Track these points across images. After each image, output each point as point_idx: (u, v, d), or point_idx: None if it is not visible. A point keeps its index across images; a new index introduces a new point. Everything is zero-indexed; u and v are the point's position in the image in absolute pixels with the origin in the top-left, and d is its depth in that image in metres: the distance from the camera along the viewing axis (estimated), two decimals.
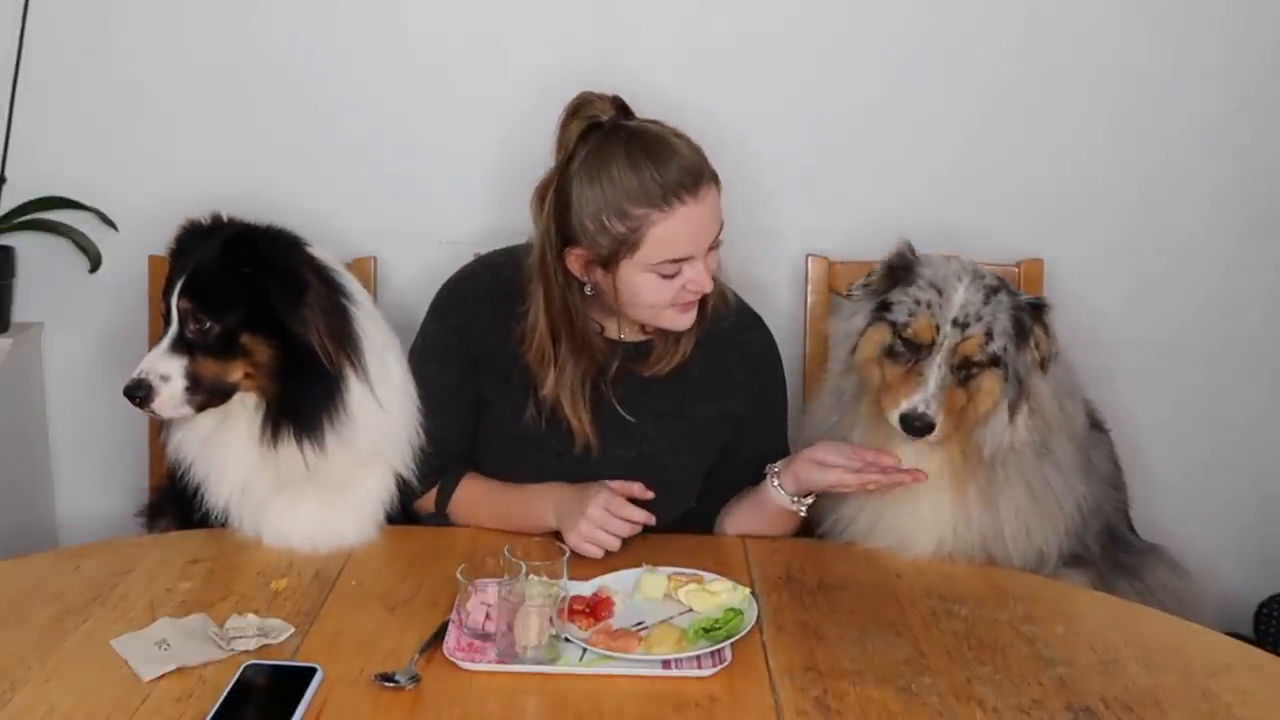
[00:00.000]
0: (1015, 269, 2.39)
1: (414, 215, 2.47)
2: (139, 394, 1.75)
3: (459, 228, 2.45)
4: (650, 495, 1.87)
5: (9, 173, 2.39)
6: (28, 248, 2.46)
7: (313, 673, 1.47)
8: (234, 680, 1.45)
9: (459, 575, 1.58)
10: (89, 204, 2.42)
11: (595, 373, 1.90)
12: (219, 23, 2.40)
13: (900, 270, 1.90)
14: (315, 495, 1.85)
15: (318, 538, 1.84)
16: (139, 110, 2.43)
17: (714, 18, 2.42)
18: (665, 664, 1.54)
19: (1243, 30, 2.46)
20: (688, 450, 1.98)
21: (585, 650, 1.55)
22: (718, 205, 1.83)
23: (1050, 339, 1.87)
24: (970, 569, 1.88)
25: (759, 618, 1.64)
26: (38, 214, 2.41)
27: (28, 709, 1.41)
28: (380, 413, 1.85)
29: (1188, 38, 2.46)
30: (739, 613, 1.63)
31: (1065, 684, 1.54)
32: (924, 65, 2.45)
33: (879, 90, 2.46)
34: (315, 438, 1.79)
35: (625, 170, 1.76)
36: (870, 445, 1.88)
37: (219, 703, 1.41)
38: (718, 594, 1.68)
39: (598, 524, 1.82)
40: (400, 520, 1.95)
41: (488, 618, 1.57)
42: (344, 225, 2.39)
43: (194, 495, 1.87)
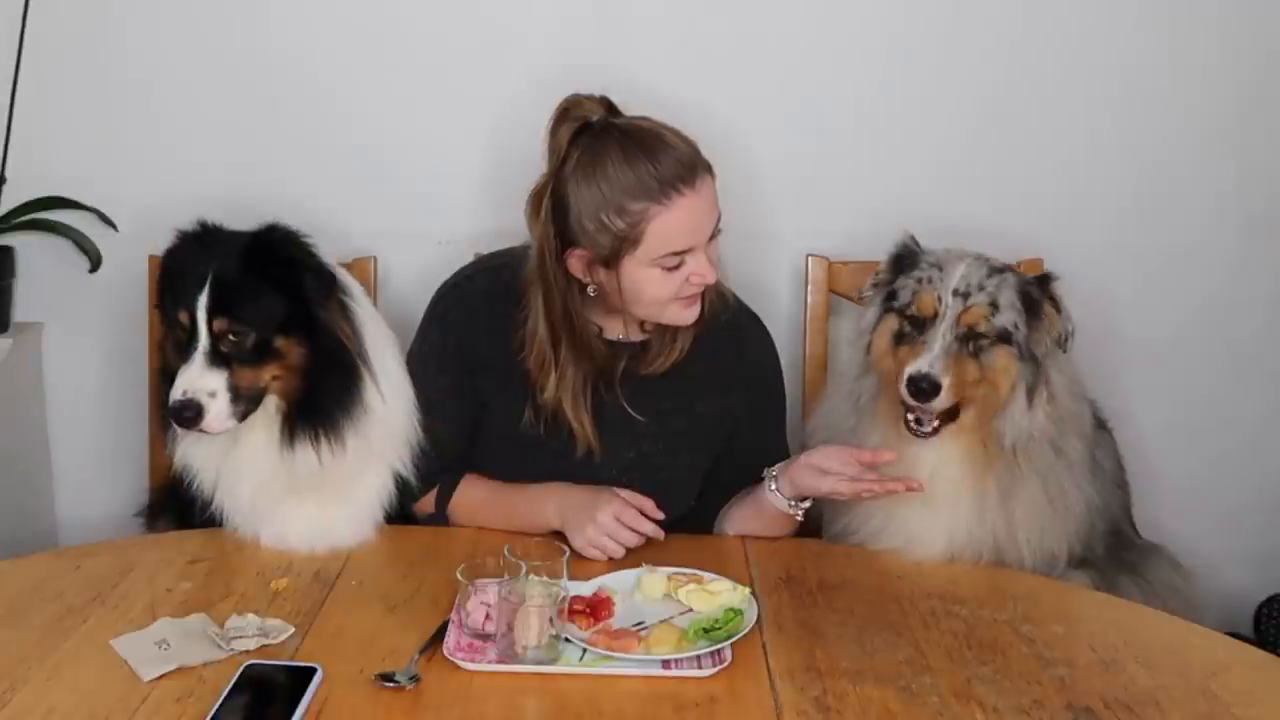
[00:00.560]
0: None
1: (414, 215, 2.47)
2: (188, 414, 1.70)
3: (459, 228, 2.45)
4: (661, 516, 1.87)
5: (9, 173, 2.39)
6: (28, 248, 2.46)
7: (313, 673, 1.47)
8: (234, 680, 1.45)
9: (459, 575, 1.58)
10: (89, 204, 2.41)
11: (595, 375, 1.90)
12: (219, 23, 2.40)
13: (905, 260, 1.92)
14: (315, 496, 1.84)
15: (316, 538, 1.84)
16: (139, 110, 2.43)
17: (714, 18, 2.42)
18: (665, 664, 1.54)
19: (1243, 30, 2.46)
20: (687, 449, 1.98)
21: (585, 650, 1.55)
22: (714, 194, 1.83)
23: (1063, 314, 1.86)
24: (970, 569, 1.87)
25: (759, 618, 1.64)
26: (38, 214, 2.40)
27: (28, 709, 1.41)
28: (385, 410, 1.85)
29: (1187, 38, 2.46)
30: (739, 613, 1.62)
31: (1065, 684, 1.54)
32: (923, 65, 2.45)
33: (878, 90, 2.46)
34: (335, 435, 1.79)
35: (621, 167, 1.76)
36: (889, 449, 1.85)
37: (219, 703, 1.41)
38: (717, 594, 1.68)
39: (607, 531, 1.82)
40: (398, 521, 1.94)
41: (488, 618, 1.57)
42: (344, 225, 2.38)
43: (202, 503, 1.86)
